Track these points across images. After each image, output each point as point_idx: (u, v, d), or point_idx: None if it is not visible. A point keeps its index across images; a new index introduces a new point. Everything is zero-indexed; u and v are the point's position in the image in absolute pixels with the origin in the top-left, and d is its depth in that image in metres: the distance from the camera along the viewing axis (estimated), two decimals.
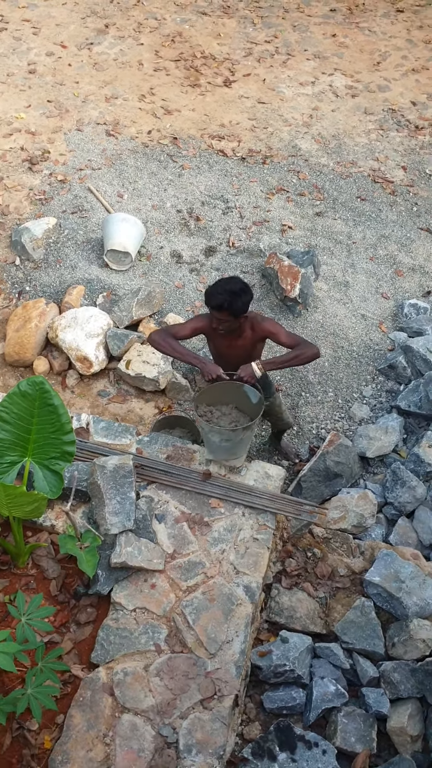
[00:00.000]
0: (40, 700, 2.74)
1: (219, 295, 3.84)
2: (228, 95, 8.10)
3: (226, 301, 3.82)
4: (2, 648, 2.56)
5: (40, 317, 5.37)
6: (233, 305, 3.84)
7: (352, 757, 3.51)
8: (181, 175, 7.00)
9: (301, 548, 4.24)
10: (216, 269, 6.09)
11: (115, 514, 3.61)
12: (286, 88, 8.32)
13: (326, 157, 7.49)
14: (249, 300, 3.92)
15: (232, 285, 3.88)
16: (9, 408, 3.19)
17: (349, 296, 5.99)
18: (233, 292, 3.83)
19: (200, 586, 3.63)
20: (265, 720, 3.63)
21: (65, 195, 6.56)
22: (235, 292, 3.83)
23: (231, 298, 3.82)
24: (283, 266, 5.71)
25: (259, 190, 6.97)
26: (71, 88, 7.81)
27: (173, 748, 3.10)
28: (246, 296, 3.89)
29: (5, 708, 2.73)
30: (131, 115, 7.62)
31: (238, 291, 3.85)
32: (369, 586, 4.00)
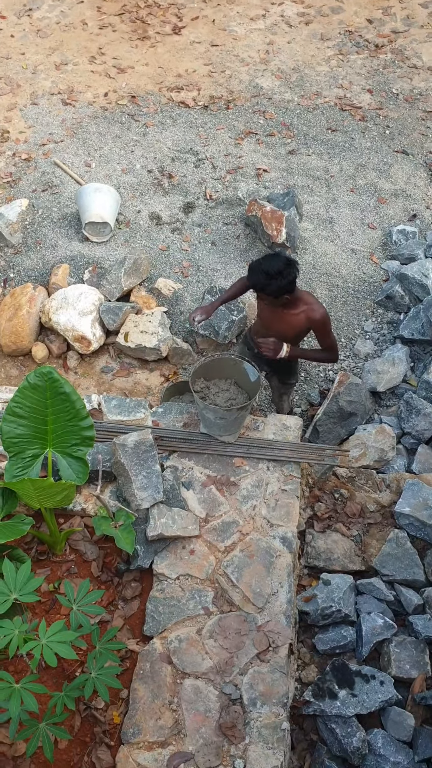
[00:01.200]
0: (105, 681, 2.80)
1: (254, 275, 3.70)
2: (179, 43, 7.83)
3: (259, 283, 3.69)
4: (59, 638, 2.60)
5: (30, 303, 5.30)
6: (267, 288, 3.69)
7: (409, 684, 3.61)
8: (146, 133, 6.82)
9: (328, 491, 4.28)
10: (198, 225, 5.98)
11: (143, 489, 3.63)
12: (237, 26, 8.05)
13: (289, 92, 7.29)
14: (289, 282, 3.67)
15: (269, 265, 3.65)
16: (22, 402, 3.17)
17: (336, 232, 5.91)
18: (268, 273, 3.63)
19: (237, 544, 3.67)
20: (320, 662, 3.72)
21: (32, 173, 6.40)
22: (270, 275, 3.63)
23: (266, 280, 3.66)
24: (266, 212, 5.61)
25: (228, 136, 6.80)
26: (18, 61, 7.55)
27: (238, 704, 3.18)
28: (284, 278, 3.64)
29: (72, 693, 2.79)
30: (84, 79, 7.38)
31: (275, 273, 3.62)
32: (400, 518, 4.06)
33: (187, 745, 3.08)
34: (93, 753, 3.10)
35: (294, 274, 3.68)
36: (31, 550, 3.65)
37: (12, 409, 3.17)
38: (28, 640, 2.67)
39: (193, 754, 3.05)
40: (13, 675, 2.92)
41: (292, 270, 3.67)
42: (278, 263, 3.64)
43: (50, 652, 2.55)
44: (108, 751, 3.11)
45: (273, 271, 3.62)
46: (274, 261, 3.66)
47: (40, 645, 2.57)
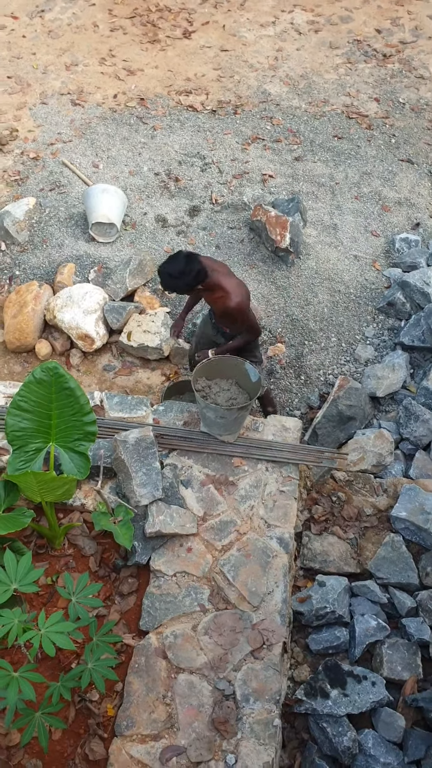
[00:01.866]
0: (101, 673, 2.84)
1: (162, 279, 3.91)
2: (189, 47, 7.91)
3: (168, 284, 3.91)
4: (58, 628, 2.64)
5: (35, 300, 5.35)
6: (177, 288, 3.91)
7: (400, 685, 3.65)
8: (154, 136, 6.88)
9: (326, 494, 4.33)
10: (203, 228, 6.04)
11: (143, 486, 3.68)
12: (247, 31, 8.12)
13: (297, 98, 7.36)
14: (193, 277, 3.85)
15: (171, 268, 3.86)
16: (27, 396, 3.22)
17: (339, 238, 5.96)
18: (172, 275, 3.85)
19: (235, 543, 3.71)
20: (312, 661, 3.76)
21: (40, 172, 6.46)
22: (174, 276, 3.85)
23: (172, 281, 3.87)
24: (270, 217, 5.67)
25: (235, 141, 6.87)
26: (29, 61, 7.62)
27: (231, 700, 3.22)
28: (188, 275, 3.83)
29: (68, 684, 2.83)
30: (94, 80, 7.45)
31: (178, 274, 3.83)
32: (396, 522, 4.10)
33: (179, 738, 3.11)
34: (86, 745, 3.14)
35: (195, 267, 3.83)
36: (31, 544, 3.69)
37: (17, 403, 3.22)
38: (27, 630, 2.71)
39: (185, 747, 3.09)
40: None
41: (193, 265, 3.83)
42: (178, 264, 3.84)
43: (48, 642, 2.60)
44: (101, 743, 3.15)
45: (175, 272, 3.83)
46: (174, 263, 3.85)
47: (39, 635, 2.61)
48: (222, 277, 3.99)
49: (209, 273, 3.92)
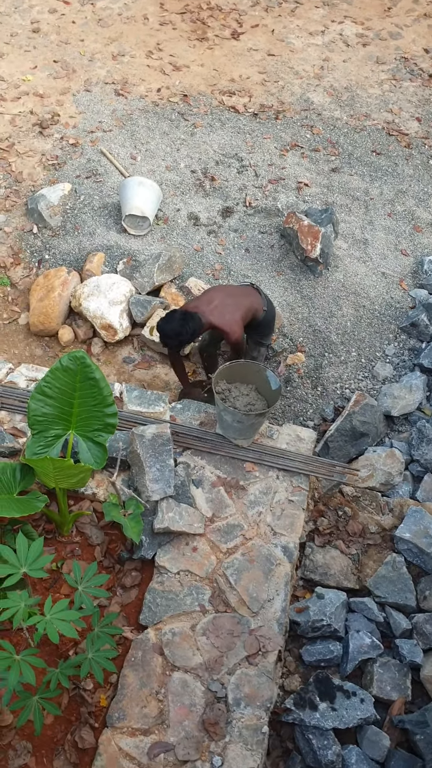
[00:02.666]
0: (101, 663, 2.88)
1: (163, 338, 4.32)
2: (236, 48, 7.92)
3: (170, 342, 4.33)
4: (63, 616, 2.68)
5: (63, 286, 5.40)
6: (178, 343, 4.33)
7: (388, 705, 3.67)
8: (194, 133, 6.91)
9: (332, 507, 4.36)
10: (234, 230, 6.07)
11: (155, 482, 3.71)
12: (296, 38, 8.13)
13: (339, 110, 7.37)
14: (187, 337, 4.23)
15: (167, 327, 4.23)
16: (52, 383, 3.26)
17: (369, 254, 5.98)
18: (167, 335, 4.25)
19: (240, 547, 3.75)
20: (304, 672, 3.79)
21: (78, 159, 6.49)
22: (168, 336, 4.25)
23: (166, 340, 4.31)
24: (303, 226, 5.69)
25: (273, 146, 6.89)
26: (77, 47, 7.65)
27: (223, 702, 3.26)
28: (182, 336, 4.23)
29: (67, 671, 2.87)
30: (139, 72, 7.48)
31: (173, 335, 4.23)
32: (399, 542, 4.13)
33: (169, 735, 3.15)
34: (77, 732, 3.18)
35: (190, 328, 4.21)
36: (39, 527, 3.73)
37: (42, 388, 3.26)
38: (33, 615, 2.75)
39: (174, 745, 3.12)
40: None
41: (188, 326, 4.21)
42: (173, 324, 4.22)
43: (53, 629, 2.64)
44: (92, 732, 3.19)
45: (172, 333, 4.23)
46: (170, 323, 4.23)
47: (44, 621, 2.65)
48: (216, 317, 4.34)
49: (203, 320, 4.29)
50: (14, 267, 5.69)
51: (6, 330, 5.45)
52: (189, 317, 4.23)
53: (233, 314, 4.38)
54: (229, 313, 4.37)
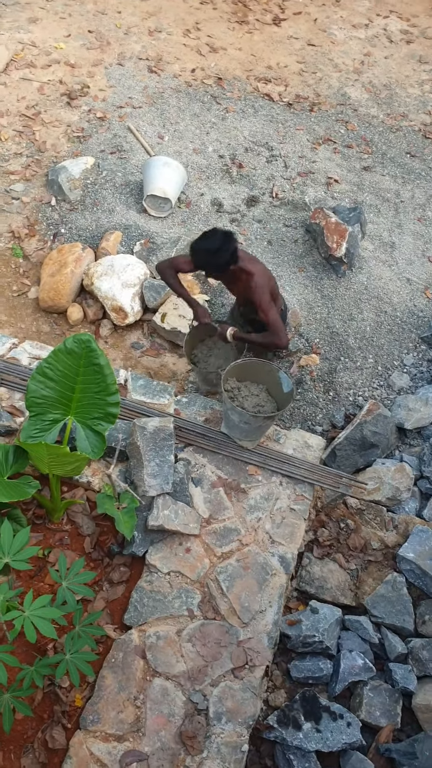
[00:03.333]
0: (78, 665, 2.72)
1: (199, 255, 3.79)
2: (277, 35, 7.69)
3: (204, 261, 3.80)
4: (43, 613, 2.52)
5: (76, 263, 5.21)
6: (212, 264, 3.80)
7: (375, 731, 3.51)
8: (225, 118, 6.69)
9: (335, 518, 4.18)
10: (258, 221, 5.87)
11: (153, 477, 3.54)
12: (338, 30, 7.89)
13: (376, 107, 7.14)
14: (229, 256, 3.76)
15: (210, 243, 3.74)
16: (54, 365, 3.08)
17: (395, 258, 5.77)
18: (208, 251, 3.75)
19: (235, 553, 3.58)
20: (290, 688, 3.63)
21: (104, 133, 6.29)
22: (210, 251, 3.74)
23: (206, 257, 3.77)
24: (330, 223, 5.49)
25: (306, 139, 6.67)
26: (113, 19, 7.43)
27: (203, 715, 3.10)
28: (224, 254, 3.74)
29: (43, 671, 2.71)
30: (175, 51, 7.26)
31: (215, 250, 3.72)
32: (402, 562, 3.95)
33: (143, 745, 3.00)
34: (48, 731, 3.03)
35: (232, 245, 3.74)
36: (29, 512, 3.57)
37: (42, 370, 3.08)
38: (11, 609, 2.59)
39: (147, 755, 2.97)
40: None
41: (230, 243, 3.74)
42: (216, 240, 3.73)
43: (31, 626, 2.47)
44: (63, 732, 3.03)
45: (213, 249, 3.72)
46: (212, 239, 3.74)
47: (23, 617, 2.48)
48: (248, 263, 3.94)
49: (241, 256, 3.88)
50: (29, 239, 5.51)
51: (14, 303, 5.28)
52: (231, 236, 3.77)
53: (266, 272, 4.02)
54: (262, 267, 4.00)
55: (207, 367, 4.09)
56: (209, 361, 4.04)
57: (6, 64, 6.61)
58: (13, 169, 5.87)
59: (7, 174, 5.84)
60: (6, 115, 6.22)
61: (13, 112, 6.27)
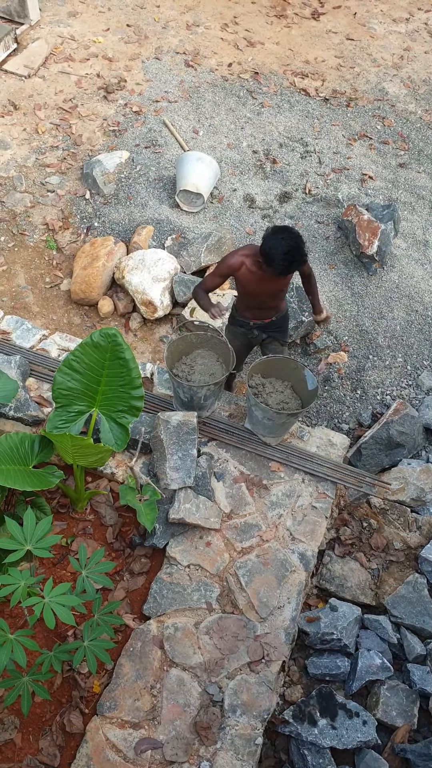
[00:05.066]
0: (96, 653, 2.78)
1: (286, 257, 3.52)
2: (315, 29, 7.63)
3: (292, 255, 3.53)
4: (62, 600, 2.58)
5: (108, 256, 5.27)
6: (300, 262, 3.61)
7: (391, 730, 3.51)
8: (260, 113, 6.68)
9: (357, 517, 4.17)
10: (290, 217, 5.86)
11: (175, 470, 3.58)
12: (378, 24, 7.80)
13: (414, 103, 7.05)
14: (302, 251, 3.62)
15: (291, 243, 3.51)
16: (81, 358, 3.14)
17: (429, 257, 5.71)
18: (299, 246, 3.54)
19: (255, 548, 3.60)
20: (307, 684, 3.65)
21: (139, 128, 6.34)
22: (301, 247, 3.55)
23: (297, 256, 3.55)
24: (362, 220, 5.45)
25: (341, 134, 6.62)
26: (152, 13, 7.46)
27: (218, 707, 3.14)
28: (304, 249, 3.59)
29: (61, 656, 2.78)
30: (212, 45, 7.26)
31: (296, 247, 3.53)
32: (424, 563, 3.93)
33: (158, 733, 3.05)
34: (66, 715, 3.10)
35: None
36: (54, 501, 3.64)
37: (69, 362, 3.14)
38: (32, 594, 2.66)
39: (162, 743, 3.02)
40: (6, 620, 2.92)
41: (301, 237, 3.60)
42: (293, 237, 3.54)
43: (50, 612, 2.53)
44: (81, 717, 3.10)
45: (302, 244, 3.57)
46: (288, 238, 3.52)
47: (42, 603, 2.55)
48: None
49: None
50: (62, 231, 5.59)
51: (47, 294, 5.36)
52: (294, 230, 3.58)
53: None
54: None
55: (192, 384, 3.91)
56: (193, 379, 3.90)
57: (45, 58, 6.69)
58: (49, 162, 5.95)
59: (44, 166, 5.92)
60: (44, 108, 6.31)
61: (51, 105, 6.35)
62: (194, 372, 3.95)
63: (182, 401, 3.90)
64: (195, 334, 4.07)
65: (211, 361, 4.04)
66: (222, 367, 3.99)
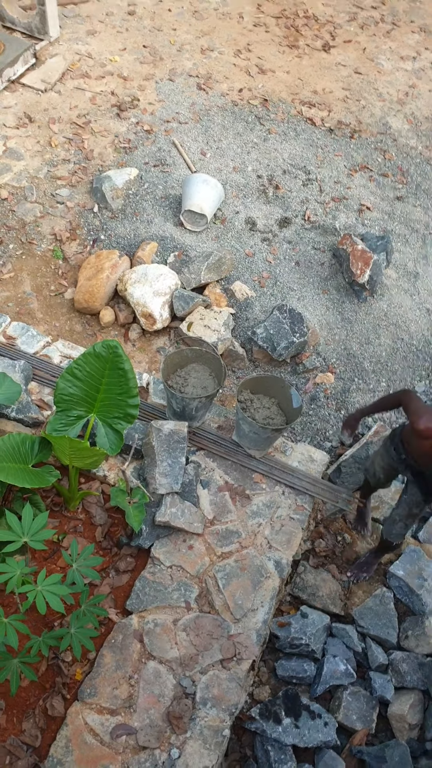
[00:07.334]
0: (81, 640, 3.01)
1: None
2: (325, 61, 7.94)
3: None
4: (54, 589, 2.81)
5: (112, 269, 5.53)
6: None
7: (350, 733, 3.75)
8: (267, 139, 6.97)
9: (333, 531, 4.42)
10: (288, 242, 6.13)
11: (164, 476, 3.83)
12: (386, 60, 8.11)
13: (416, 139, 7.35)
14: None
15: None
16: (82, 366, 3.38)
17: (417, 288, 5.99)
18: None
19: (234, 554, 3.84)
20: (275, 685, 3.88)
21: (149, 146, 6.61)
22: None
23: None
24: (356, 250, 5.73)
25: (343, 165, 6.91)
26: (168, 35, 7.75)
27: (190, 699, 3.37)
28: None
29: (49, 642, 3.01)
30: (225, 70, 7.55)
31: None
32: (392, 578, 4.18)
33: (134, 720, 3.28)
34: (48, 700, 3.33)
35: None
36: (48, 499, 3.88)
37: (72, 370, 3.39)
38: (26, 583, 2.89)
39: (137, 730, 3.25)
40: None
41: None
42: None
43: (42, 600, 2.77)
44: (63, 702, 3.33)
45: None
46: None
47: (36, 591, 2.78)
48: None
49: None
50: (69, 242, 5.84)
51: (51, 302, 5.61)
52: None
53: None
54: None
55: (185, 395, 4.10)
56: (186, 391, 4.14)
57: (62, 74, 6.97)
58: (61, 175, 6.22)
59: (55, 179, 6.18)
60: (58, 122, 6.58)
61: (65, 119, 6.62)
62: (188, 384, 4.22)
63: (175, 411, 4.15)
64: (191, 348, 4.34)
65: (204, 375, 4.31)
66: (214, 382, 4.25)
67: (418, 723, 3.80)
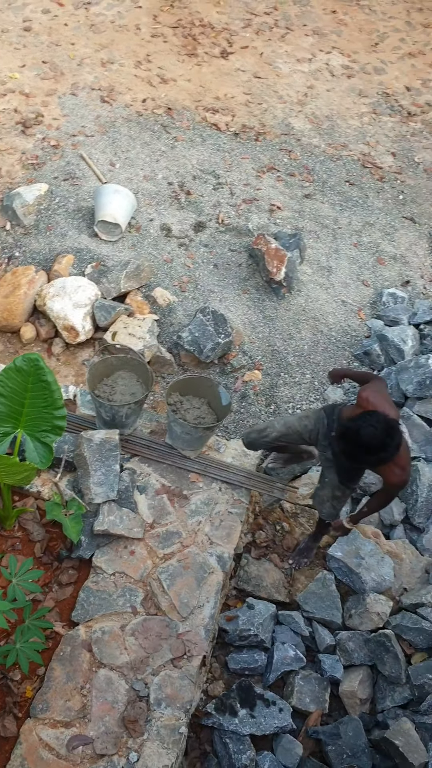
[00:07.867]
0: (28, 655, 2.99)
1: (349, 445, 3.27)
2: (224, 67, 8.11)
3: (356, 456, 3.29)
4: None
5: (29, 284, 5.49)
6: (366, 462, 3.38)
7: (305, 716, 3.84)
8: (174, 147, 7.06)
9: (271, 522, 4.52)
10: (204, 245, 6.23)
11: (99, 485, 3.83)
12: (283, 63, 8.35)
13: (318, 137, 7.59)
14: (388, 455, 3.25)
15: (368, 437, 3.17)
16: (5, 382, 3.36)
17: (332, 281, 6.19)
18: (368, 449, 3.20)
19: (176, 554, 3.88)
20: (228, 679, 3.93)
21: (58, 161, 6.60)
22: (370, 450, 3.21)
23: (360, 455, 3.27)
24: (270, 249, 5.87)
25: (251, 167, 7.07)
26: (67, 50, 7.76)
27: (144, 701, 3.39)
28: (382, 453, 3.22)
29: None
30: (127, 81, 7.62)
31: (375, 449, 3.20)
32: (331, 561, 4.30)
33: (89, 729, 3.27)
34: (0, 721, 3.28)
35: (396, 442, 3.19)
36: None
37: None
38: None
39: (93, 739, 3.24)
40: None
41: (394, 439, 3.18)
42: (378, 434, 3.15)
43: None
44: (15, 721, 3.29)
45: (374, 446, 3.18)
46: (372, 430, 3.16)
47: None
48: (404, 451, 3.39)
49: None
50: None
51: None
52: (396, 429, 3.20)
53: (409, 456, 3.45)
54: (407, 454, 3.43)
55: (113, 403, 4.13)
56: (114, 399, 4.16)
57: None
58: None
59: None
60: None
61: None
62: (116, 392, 4.24)
63: (105, 420, 4.16)
64: (116, 356, 4.36)
65: (132, 382, 4.34)
66: (142, 387, 4.28)
67: (368, 697, 3.92)
